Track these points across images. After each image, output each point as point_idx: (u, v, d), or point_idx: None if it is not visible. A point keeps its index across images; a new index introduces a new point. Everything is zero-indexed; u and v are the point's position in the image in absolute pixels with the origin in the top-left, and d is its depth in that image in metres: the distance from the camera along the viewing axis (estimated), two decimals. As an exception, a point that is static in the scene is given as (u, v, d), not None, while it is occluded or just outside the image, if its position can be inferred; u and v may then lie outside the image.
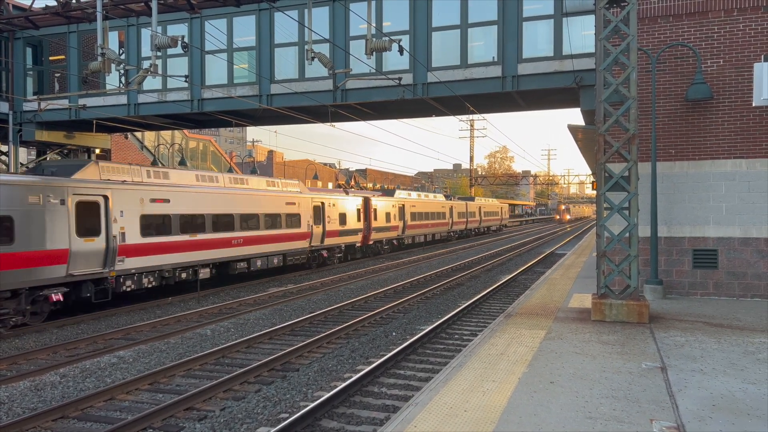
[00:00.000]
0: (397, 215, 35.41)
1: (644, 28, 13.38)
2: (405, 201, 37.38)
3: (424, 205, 41.18)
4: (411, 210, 38.08)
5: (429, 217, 42.00)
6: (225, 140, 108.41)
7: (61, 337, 13.26)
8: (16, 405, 8.65)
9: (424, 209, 40.92)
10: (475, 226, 55.37)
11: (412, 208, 38.20)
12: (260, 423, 7.83)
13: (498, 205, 66.85)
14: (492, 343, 8.89)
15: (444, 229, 45.60)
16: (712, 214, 13.12)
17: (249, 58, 19.52)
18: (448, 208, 46.68)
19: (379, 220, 32.69)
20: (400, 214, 36.07)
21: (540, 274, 23.46)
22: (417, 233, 39.59)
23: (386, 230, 33.91)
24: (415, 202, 39.58)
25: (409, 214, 37.76)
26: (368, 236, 31.27)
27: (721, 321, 10.49)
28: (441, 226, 44.75)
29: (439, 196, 47.15)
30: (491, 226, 62.93)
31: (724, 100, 12.95)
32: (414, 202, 39.21)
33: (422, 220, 40.40)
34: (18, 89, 22.26)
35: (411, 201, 38.76)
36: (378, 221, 32.46)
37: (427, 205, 41.98)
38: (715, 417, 5.78)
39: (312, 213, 24.81)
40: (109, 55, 13.54)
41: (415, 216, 38.93)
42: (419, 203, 40.29)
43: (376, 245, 33.08)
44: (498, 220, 65.67)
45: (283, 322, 14.49)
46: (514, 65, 16.82)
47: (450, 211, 47.15)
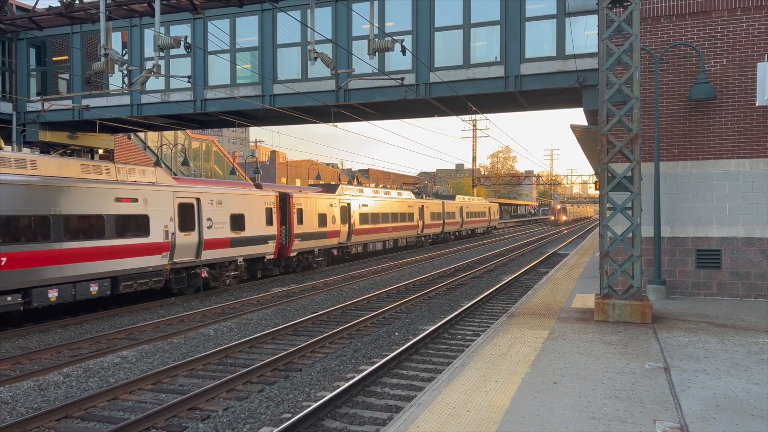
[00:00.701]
0: (338, 217, 28.06)
1: (647, 27, 13.36)
2: (352, 199, 30.18)
3: (381, 204, 33.77)
4: (361, 210, 30.68)
5: (389, 219, 34.67)
6: (228, 140, 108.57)
7: (65, 337, 13.30)
8: (19, 405, 8.67)
9: (381, 209, 33.48)
10: (454, 229, 48.73)
11: (362, 208, 30.89)
12: (263, 423, 7.83)
13: (484, 204, 60.18)
14: (495, 344, 8.89)
15: (411, 234, 38.53)
16: (716, 214, 13.09)
17: (252, 58, 19.54)
18: (417, 209, 39.58)
19: (307, 223, 25.17)
20: (343, 216, 28.80)
21: (543, 274, 23.44)
22: (371, 240, 32.07)
23: (320, 237, 26.29)
24: (368, 199, 32.18)
25: (358, 216, 30.27)
26: (288, 246, 23.83)
27: (724, 321, 10.47)
28: (407, 230, 37.59)
29: (406, 194, 39.76)
30: (476, 229, 56.70)
31: (728, 100, 12.92)
32: (365, 199, 31.84)
33: (378, 222, 33.06)
34: (21, 90, 22.32)
35: (361, 199, 31.26)
36: (305, 225, 24.91)
37: (386, 204, 34.56)
38: (718, 417, 5.77)
39: (176, 214, 17.58)
40: (112, 56, 13.57)
41: (368, 218, 31.58)
42: (374, 201, 32.95)
43: (304, 257, 25.40)
44: (485, 222, 59.36)
45: (285, 322, 14.51)
46: (516, 65, 16.81)
47: (420, 211, 40.22)
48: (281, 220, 23.50)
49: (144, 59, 20.31)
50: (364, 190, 33.11)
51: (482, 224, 58.18)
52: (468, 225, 52.34)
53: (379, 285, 21.29)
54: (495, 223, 65.42)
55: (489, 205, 61.90)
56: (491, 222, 62.20)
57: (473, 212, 54.40)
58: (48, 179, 14.07)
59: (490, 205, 62.37)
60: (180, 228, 17.73)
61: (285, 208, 23.99)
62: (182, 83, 19.62)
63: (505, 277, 23.54)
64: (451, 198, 50.78)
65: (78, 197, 14.65)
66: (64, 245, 14.18)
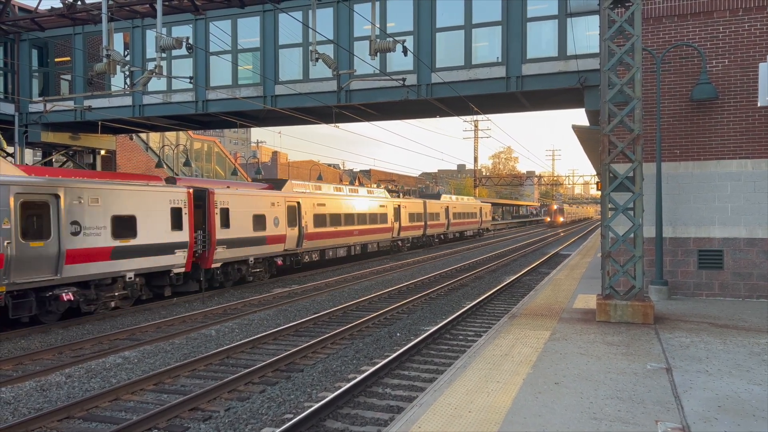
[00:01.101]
0: (283, 219, 23.02)
1: (649, 28, 13.35)
2: (303, 197, 24.97)
3: (344, 203, 28.64)
4: (317, 211, 25.85)
5: (354, 221, 29.62)
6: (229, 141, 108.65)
7: (67, 338, 13.32)
8: (21, 405, 8.68)
9: (344, 210, 28.52)
10: (438, 232, 44.01)
11: (318, 209, 25.97)
12: (265, 423, 7.84)
13: (474, 204, 54.96)
14: (496, 344, 8.88)
15: (384, 237, 33.39)
16: (718, 215, 13.07)
17: (253, 59, 19.56)
18: (391, 209, 34.39)
19: (237, 227, 20.08)
20: (291, 217, 23.78)
21: (545, 274, 23.42)
22: (330, 245, 27.12)
23: (256, 243, 21.19)
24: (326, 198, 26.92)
25: (312, 217, 25.37)
26: (208, 255, 18.77)
27: (726, 322, 10.45)
28: (378, 233, 32.45)
29: (379, 192, 34.75)
30: (465, 231, 51.74)
31: (730, 101, 12.90)
32: (323, 198, 26.62)
33: (340, 225, 28.06)
34: (24, 91, 22.36)
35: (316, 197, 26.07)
36: (233, 229, 19.84)
37: (351, 203, 29.39)
38: (720, 418, 5.76)
39: (17, 216, 13.30)
40: (114, 57, 13.60)
41: (325, 220, 26.57)
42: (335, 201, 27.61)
43: (233, 269, 20.43)
44: (475, 224, 54.39)
45: (287, 323, 14.51)
46: (518, 66, 16.81)
47: (395, 212, 35.10)
48: (199, 223, 18.89)
49: (146, 60, 20.35)
50: (322, 186, 27.96)
51: (472, 226, 53.51)
52: (455, 227, 47.98)
53: (381, 285, 21.29)
54: (487, 225, 60.86)
55: (480, 205, 56.89)
56: (482, 224, 57.53)
57: (461, 213, 49.82)
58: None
59: (481, 205, 57.37)
60: (23, 236, 13.30)
61: (204, 207, 19.10)
62: (184, 84, 19.64)
63: (506, 277, 23.53)
64: (435, 197, 46.39)
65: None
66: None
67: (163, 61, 17.05)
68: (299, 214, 24.38)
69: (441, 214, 44.25)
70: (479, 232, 56.86)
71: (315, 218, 25.63)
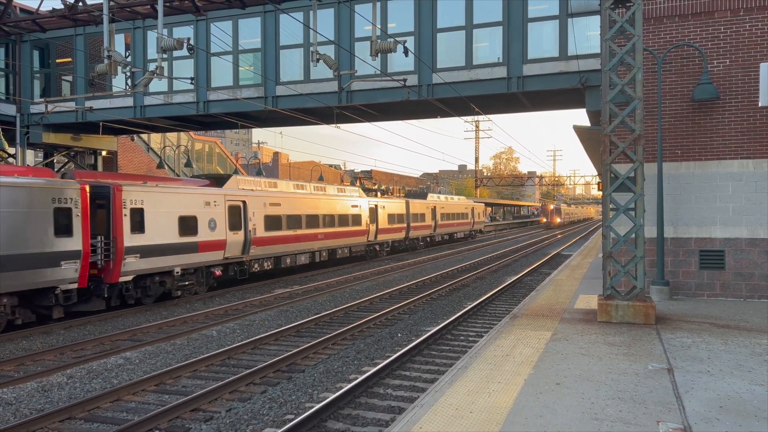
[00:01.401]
0: (222, 221, 19.47)
1: (650, 28, 13.35)
2: (250, 195, 21.17)
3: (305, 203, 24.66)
4: (269, 211, 21.95)
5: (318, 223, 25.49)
6: (231, 142, 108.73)
7: (68, 338, 13.33)
8: (23, 406, 8.69)
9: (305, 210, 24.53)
10: (424, 235, 40.01)
11: (270, 209, 22.11)
12: (266, 424, 7.84)
13: (465, 204, 50.76)
14: (498, 345, 8.88)
15: (357, 241, 29.44)
16: (719, 215, 13.06)
17: (254, 59, 19.58)
18: (366, 210, 30.47)
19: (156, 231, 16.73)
20: (233, 219, 20.25)
21: (546, 275, 23.40)
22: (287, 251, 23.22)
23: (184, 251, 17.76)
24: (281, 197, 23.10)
25: (262, 219, 21.51)
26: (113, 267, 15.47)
27: (728, 322, 10.44)
28: (350, 237, 28.56)
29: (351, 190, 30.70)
30: (455, 234, 48.26)
31: (731, 101, 12.89)
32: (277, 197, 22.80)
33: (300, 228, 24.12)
34: (25, 92, 22.39)
35: (267, 196, 22.23)
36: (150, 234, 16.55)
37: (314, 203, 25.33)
38: (722, 418, 5.76)
39: None
40: (115, 58, 13.62)
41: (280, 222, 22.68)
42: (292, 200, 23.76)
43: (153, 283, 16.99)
44: (466, 225, 50.29)
45: (288, 324, 14.51)
46: (519, 66, 16.81)
47: (372, 213, 31.20)
48: (99, 227, 15.59)
49: (147, 61, 20.37)
50: (278, 183, 24.10)
51: (462, 228, 49.60)
52: (443, 229, 44.24)
53: (382, 286, 21.29)
54: (480, 227, 56.71)
55: (472, 205, 52.50)
56: (475, 225, 53.23)
57: (450, 214, 45.86)
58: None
59: (473, 205, 52.96)
60: None
61: (109, 208, 15.66)
62: (185, 85, 19.66)
63: (508, 278, 23.52)
64: (420, 196, 42.84)
65: None
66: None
67: (164, 62, 17.06)
68: (245, 216, 20.73)
69: (427, 215, 40.41)
70: (471, 234, 53.13)
71: (267, 220, 21.86)
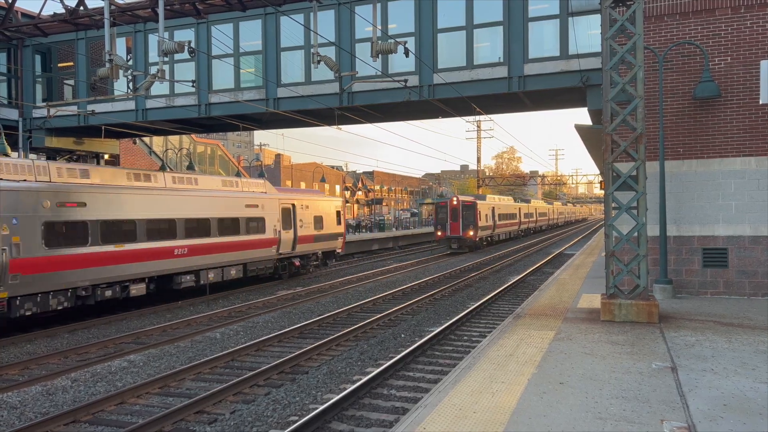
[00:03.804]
0: None
1: (650, 26, 13.33)
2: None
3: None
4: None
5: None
6: (233, 144, 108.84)
7: (72, 342, 13.35)
8: (28, 409, 8.72)
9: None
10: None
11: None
12: (270, 426, 7.85)
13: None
14: (501, 345, 8.88)
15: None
16: (722, 213, 13.04)
17: (255, 62, 19.59)
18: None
19: None
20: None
21: (549, 274, 23.38)
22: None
23: None
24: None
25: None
26: None
27: (731, 320, 10.42)
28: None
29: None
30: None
31: (732, 98, 12.87)
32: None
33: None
34: (27, 96, 22.45)
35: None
36: None
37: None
38: (726, 417, 5.75)
39: None
40: (116, 61, 13.65)
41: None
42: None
43: None
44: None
45: (292, 325, 14.53)
46: (520, 66, 16.79)
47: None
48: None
49: (148, 64, 20.40)
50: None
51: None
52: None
53: (385, 287, 21.29)
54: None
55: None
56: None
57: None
58: None
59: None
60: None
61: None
62: (186, 88, 19.68)
63: (511, 278, 23.50)
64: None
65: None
66: None
67: (166, 65, 17.08)
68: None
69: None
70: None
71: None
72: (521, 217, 55.84)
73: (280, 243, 22.68)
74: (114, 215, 15.85)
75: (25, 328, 14.57)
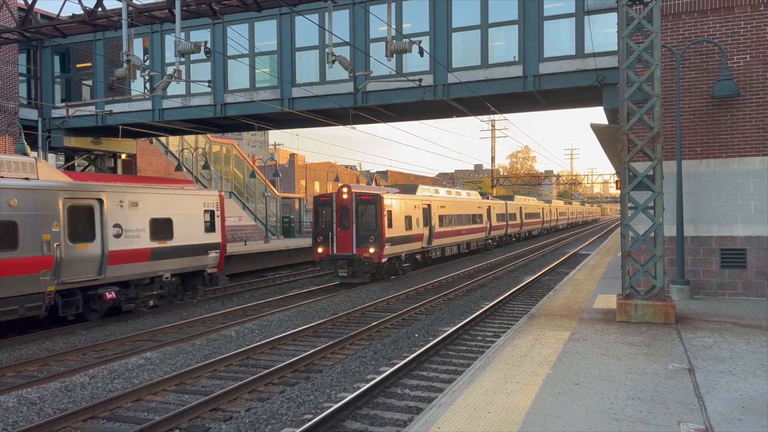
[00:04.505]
0: None
1: (668, 24, 13.19)
2: None
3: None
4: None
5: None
6: (247, 144, 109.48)
7: (90, 339, 13.52)
8: (47, 405, 8.84)
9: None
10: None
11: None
12: (285, 424, 7.89)
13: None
14: (515, 345, 8.85)
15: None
16: (740, 213, 12.87)
17: (270, 62, 19.70)
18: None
19: None
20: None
21: (564, 274, 23.23)
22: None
23: None
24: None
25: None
26: None
27: (750, 321, 10.29)
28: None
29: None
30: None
31: (752, 97, 12.70)
32: None
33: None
34: (47, 96, 22.76)
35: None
36: None
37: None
38: (744, 419, 5.68)
39: None
40: (134, 62, 13.78)
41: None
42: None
43: None
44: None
45: (306, 324, 14.58)
46: (535, 64, 16.71)
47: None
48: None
49: (165, 65, 20.59)
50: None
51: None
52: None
53: (398, 287, 21.29)
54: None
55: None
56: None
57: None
58: None
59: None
60: None
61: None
62: (202, 88, 19.84)
63: (525, 278, 23.38)
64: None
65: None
66: None
67: (182, 66, 17.21)
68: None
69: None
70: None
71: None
72: (491, 220, 37.52)
73: (59, 267, 13.44)
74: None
75: (43, 325, 14.77)
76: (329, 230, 21.97)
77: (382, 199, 21.92)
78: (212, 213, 18.28)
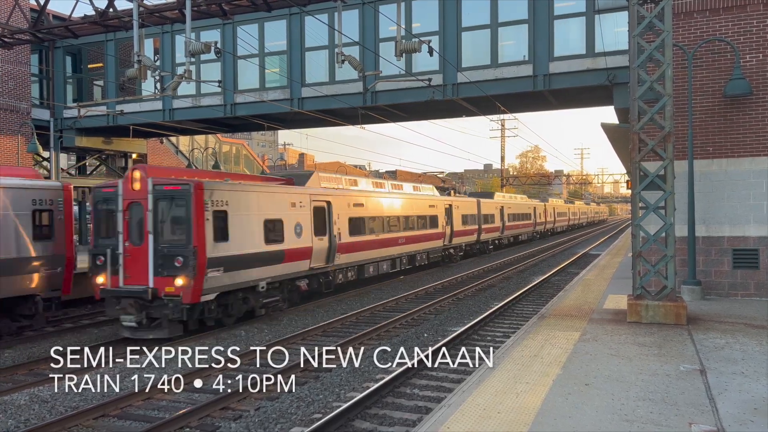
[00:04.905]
0: None
1: (679, 23, 13.09)
2: None
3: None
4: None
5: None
6: (257, 144, 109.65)
7: (101, 337, 13.60)
8: (59, 403, 8.91)
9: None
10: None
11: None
12: (294, 423, 7.91)
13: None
14: (525, 345, 8.82)
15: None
16: (753, 213, 12.75)
17: (280, 62, 19.76)
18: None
19: None
20: None
21: (574, 274, 23.11)
22: None
23: None
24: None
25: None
26: None
27: (763, 323, 10.19)
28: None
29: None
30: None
31: (764, 96, 12.58)
32: None
33: None
34: (58, 97, 22.96)
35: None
36: None
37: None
38: (756, 420, 5.63)
39: None
40: (145, 62, 13.86)
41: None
42: None
43: None
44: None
45: (315, 324, 14.60)
46: (545, 64, 16.65)
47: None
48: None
49: (175, 65, 20.70)
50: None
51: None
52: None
53: (408, 287, 21.27)
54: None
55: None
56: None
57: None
58: None
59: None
60: None
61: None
62: (213, 88, 19.93)
63: (535, 278, 23.29)
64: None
65: None
66: None
67: (192, 66, 17.30)
68: None
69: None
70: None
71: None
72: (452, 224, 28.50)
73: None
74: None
75: (55, 323, 14.89)
76: (114, 245, 12.83)
77: (200, 191, 12.54)
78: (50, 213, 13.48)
